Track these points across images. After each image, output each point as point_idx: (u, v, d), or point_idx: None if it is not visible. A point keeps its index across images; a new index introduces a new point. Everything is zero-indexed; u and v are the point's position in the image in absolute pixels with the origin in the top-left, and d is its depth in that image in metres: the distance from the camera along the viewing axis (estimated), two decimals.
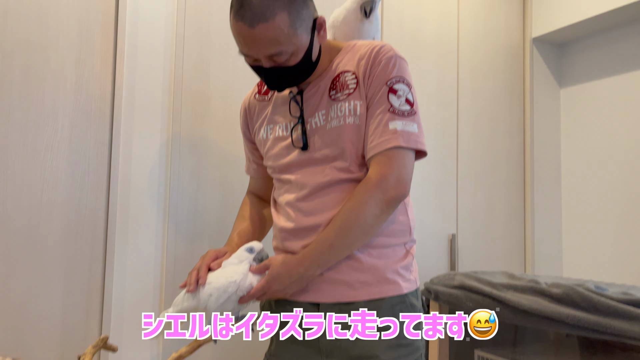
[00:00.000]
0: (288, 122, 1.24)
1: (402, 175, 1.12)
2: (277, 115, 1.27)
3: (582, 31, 2.62)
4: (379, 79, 1.14)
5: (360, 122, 1.15)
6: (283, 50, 1.07)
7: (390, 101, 1.13)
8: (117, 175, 1.72)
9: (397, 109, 1.13)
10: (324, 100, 1.19)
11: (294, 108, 1.23)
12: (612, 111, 2.55)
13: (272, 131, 1.27)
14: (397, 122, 1.12)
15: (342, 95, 1.17)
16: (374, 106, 1.14)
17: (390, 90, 1.14)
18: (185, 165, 1.84)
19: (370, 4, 1.31)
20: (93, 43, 1.72)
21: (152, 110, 1.80)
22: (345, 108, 1.16)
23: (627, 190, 2.45)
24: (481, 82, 2.59)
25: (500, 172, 2.63)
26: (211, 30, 1.92)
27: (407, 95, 1.15)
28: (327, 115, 1.18)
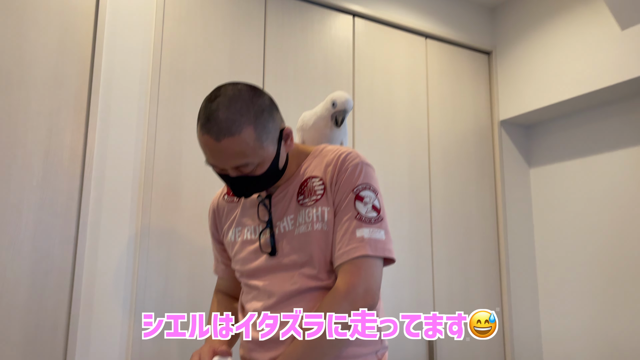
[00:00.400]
0: (256, 225, 1.22)
1: (371, 285, 1.10)
2: (246, 218, 1.26)
3: (547, 114, 2.72)
4: (345, 186, 1.15)
5: (328, 228, 1.14)
6: (249, 162, 1.07)
7: (357, 208, 1.13)
8: (82, 273, 1.67)
9: (363, 216, 1.13)
10: (292, 205, 1.19)
11: (262, 212, 1.22)
12: (580, 191, 2.60)
13: (241, 234, 1.25)
14: (364, 230, 1.12)
15: (310, 200, 1.17)
16: (341, 213, 1.14)
17: (356, 198, 1.14)
18: (153, 260, 1.79)
19: (342, 114, 1.33)
20: (63, 137, 1.72)
21: (121, 204, 1.78)
22: (313, 214, 1.15)
23: (602, 268, 2.46)
24: (452, 164, 2.64)
25: (476, 253, 2.63)
26: (183, 123, 1.94)
27: (374, 201, 1.15)
28: (295, 221, 1.17)
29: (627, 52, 2.22)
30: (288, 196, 1.20)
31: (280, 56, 2.21)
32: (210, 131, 1.04)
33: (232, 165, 1.07)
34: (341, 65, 2.37)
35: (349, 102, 1.34)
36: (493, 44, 2.90)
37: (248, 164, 1.07)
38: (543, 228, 2.78)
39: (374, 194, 1.16)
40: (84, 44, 1.79)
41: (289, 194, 1.20)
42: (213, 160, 1.09)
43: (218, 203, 1.35)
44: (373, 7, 2.50)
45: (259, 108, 1.08)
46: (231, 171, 1.10)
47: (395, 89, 2.52)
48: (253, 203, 1.25)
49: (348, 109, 1.34)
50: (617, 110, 2.49)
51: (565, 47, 2.50)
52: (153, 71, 1.90)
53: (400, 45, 2.58)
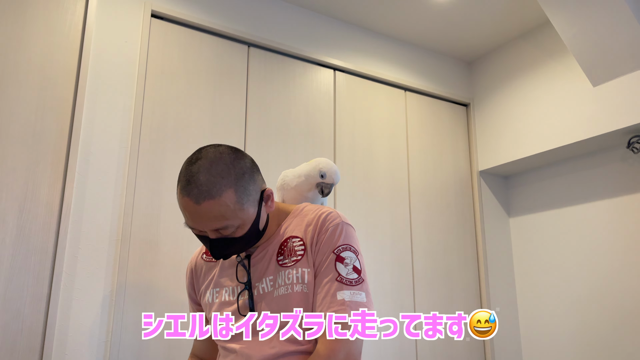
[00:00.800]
0: (235, 286, 1.20)
1: (351, 350, 1.07)
2: (224, 279, 1.23)
3: (524, 166, 2.77)
4: (326, 247, 1.14)
5: (308, 290, 1.12)
6: (229, 225, 1.06)
7: (338, 270, 1.12)
8: (54, 333, 1.61)
9: (344, 278, 1.11)
10: (272, 265, 1.17)
11: (241, 272, 1.20)
12: (559, 241, 2.63)
13: (218, 295, 1.23)
14: (345, 292, 1.10)
15: (290, 261, 1.15)
16: (322, 275, 1.13)
17: (337, 259, 1.13)
18: (129, 319, 1.74)
19: (329, 187, 1.34)
20: (39, 192, 1.69)
21: (97, 260, 1.74)
22: (293, 275, 1.13)
23: (582, 316, 2.46)
24: (433, 215, 2.65)
25: (458, 303, 2.61)
26: (163, 177, 1.92)
27: (355, 262, 1.14)
28: (275, 282, 1.15)
29: (599, 108, 2.29)
30: (267, 256, 1.18)
31: (263, 109, 2.23)
32: (190, 194, 1.03)
33: (211, 228, 1.06)
34: (323, 118, 2.40)
35: (338, 175, 1.34)
36: (471, 96, 2.97)
37: (228, 226, 1.06)
38: (524, 277, 2.79)
39: (354, 254, 1.15)
40: (65, 98, 1.79)
41: (269, 254, 1.18)
42: (192, 223, 1.08)
43: (196, 262, 1.33)
44: (353, 62, 2.56)
45: (240, 170, 1.08)
46: (210, 233, 1.08)
47: (376, 140, 2.55)
48: (232, 263, 1.23)
49: (336, 182, 1.35)
50: (591, 163, 2.54)
51: (540, 101, 2.58)
52: (134, 125, 1.90)
53: (380, 98, 2.62)
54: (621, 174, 2.41)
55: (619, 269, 2.35)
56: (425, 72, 2.83)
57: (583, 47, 2.23)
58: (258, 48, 2.29)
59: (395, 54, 2.73)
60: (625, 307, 2.31)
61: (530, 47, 2.69)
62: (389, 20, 2.59)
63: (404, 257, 2.49)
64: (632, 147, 2.28)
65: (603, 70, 2.25)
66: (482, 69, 2.95)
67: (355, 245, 1.17)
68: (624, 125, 2.19)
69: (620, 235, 2.37)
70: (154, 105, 1.97)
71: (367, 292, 1.14)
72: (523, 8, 2.50)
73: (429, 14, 2.54)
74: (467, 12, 2.53)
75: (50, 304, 1.63)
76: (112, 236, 1.78)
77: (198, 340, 1.38)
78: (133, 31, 1.99)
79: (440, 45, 2.84)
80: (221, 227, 1.06)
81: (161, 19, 2.07)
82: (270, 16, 2.35)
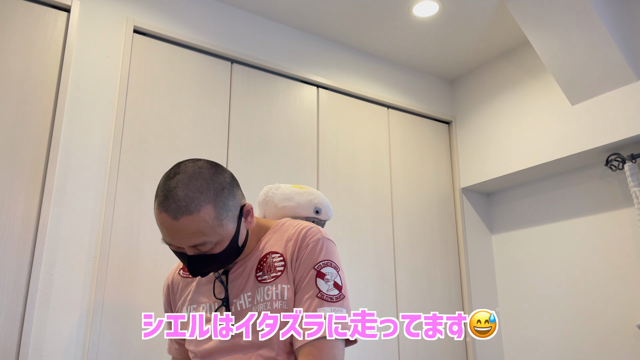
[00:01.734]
0: (212, 303, 1.18)
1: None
2: (201, 296, 1.21)
3: (506, 183, 2.79)
4: (306, 263, 1.12)
5: (287, 307, 1.10)
6: (207, 241, 1.04)
7: (319, 286, 1.10)
8: (27, 352, 1.56)
9: (325, 294, 1.10)
10: (250, 281, 1.15)
11: (219, 289, 1.18)
12: (541, 257, 2.64)
13: (195, 312, 1.20)
14: (326, 309, 1.08)
15: (269, 277, 1.13)
16: (302, 291, 1.11)
17: (318, 275, 1.11)
18: (106, 338, 1.70)
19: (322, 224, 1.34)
20: (15, 208, 1.65)
21: (74, 278, 1.70)
22: (272, 292, 1.12)
23: (564, 331, 2.47)
24: (416, 231, 2.66)
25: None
26: (144, 193, 1.90)
27: (335, 278, 1.13)
28: (254, 298, 1.13)
29: (578, 127, 2.33)
30: (246, 272, 1.16)
31: (246, 125, 2.23)
32: (167, 209, 1.01)
33: (189, 244, 1.04)
34: (306, 134, 2.40)
35: (332, 212, 1.34)
36: (453, 114, 3.00)
37: (206, 242, 1.04)
38: (506, 293, 2.79)
39: (335, 270, 1.13)
40: (44, 113, 1.77)
41: (247, 270, 1.16)
42: (170, 239, 1.05)
43: (173, 278, 1.30)
44: (337, 79, 2.57)
45: (219, 186, 1.06)
46: (188, 250, 1.06)
47: (359, 157, 2.55)
48: (209, 279, 1.21)
49: (329, 219, 1.35)
50: (571, 181, 2.57)
51: (520, 118, 2.61)
52: (114, 141, 1.88)
53: (364, 115, 2.64)
54: (600, 191, 2.44)
55: (599, 285, 2.37)
56: (408, 90, 2.85)
57: (562, 66, 2.27)
58: (241, 65, 2.30)
59: (378, 72, 2.76)
60: (606, 322, 2.32)
61: (510, 66, 2.74)
62: (372, 39, 2.62)
63: (387, 274, 2.48)
64: (610, 164, 2.31)
65: (581, 89, 2.29)
66: (464, 87, 2.99)
67: (336, 261, 1.16)
68: (602, 144, 2.22)
69: (600, 251, 2.39)
70: (135, 121, 1.96)
71: (348, 309, 1.13)
72: (504, 28, 2.55)
73: (412, 32, 2.57)
74: (449, 32, 2.57)
75: (25, 322, 1.59)
76: (89, 253, 1.75)
77: (175, 358, 1.35)
78: (115, 47, 1.98)
79: (422, 64, 2.87)
80: (199, 244, 1.04)
81: (143, 34, 2.07)
82: (253, 33, 2.36)
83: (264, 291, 1.12)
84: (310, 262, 1.12)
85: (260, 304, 1.12)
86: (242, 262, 1.18)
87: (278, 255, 1.16)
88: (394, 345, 2.41)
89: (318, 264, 1.12)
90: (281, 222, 1.25)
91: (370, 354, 2.32)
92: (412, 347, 2.46)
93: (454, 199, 2.88)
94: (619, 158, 2.27)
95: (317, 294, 1.09)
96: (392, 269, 2.51)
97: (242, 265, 1.17)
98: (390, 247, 2.53)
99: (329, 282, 1.12)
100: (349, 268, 2.36)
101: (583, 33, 2.14)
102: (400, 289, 2.50)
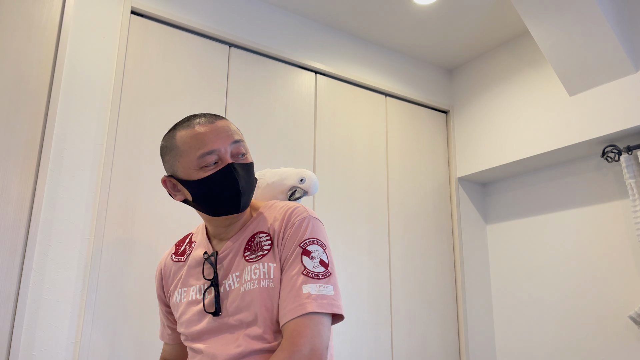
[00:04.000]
0: (202, 284, 1.18)
1: (316, 344, 1.05)
2: (191, 278, 1.21)
3: (502, 173, 2.80)
4: (292, 241, 1.12)
5: (274, 285, 1.10)
6: (242, 141, 1.13)
7: (304, 263, 1.10)
8: (20, 334, 1.56)
9: (310, 271, 1.09)
10: (239, 262, 1.16)
11: (208, 270, 1.18)
12: (535, 248, 2.66)
13: (186, 294, 1.21)
14: (311, 286, 1.08)
15: (256, 256, 1.14)
16: (288, 269, 1.11)
17: (303, 252, 1.11)
18: (99, 321, 1.70)
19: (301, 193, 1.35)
20: (10, 189, 1.65)
21: (68, 260, 1.70)
22: (260, 270, 1.12)
23: (557, 322, 2.49)
24: (411, 220, 2.66)
25: (435, 308, 2.62)
26: (140, 175, 1.90)
27: (322, 256, 1.13)
28: (241, 278, 1.13)
29: (575, 118, 2.33)
30: (234, 252, 1.17)
31: (243, 110, 2.22)
32: (200, 119, 1.12)
33: (232, 139, 1.11)
34: (303, 121, 2.39)
35: (316, 187, 1.35)
36: (450, 103, 3.00)
37: (241, 141, 1.13)
38: (500, 283, 2.81)
39: (321, 248, 1.13)
40: (39, 93, 1.75)
41: (235, 250, 1.17)
42: (211, 144, 1.10)
43: (165, 263, 1.31)
44: (335, 66, 2.56)
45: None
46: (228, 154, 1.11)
47: (356, 144, 2.55)
48: (199, 262, 1.22)
49: (311, 193, 1.35)
50: (567, 172, 2.58)
51: (518, 109, 2.61)
52: (110, 122, 1.87)
53: (361, 103, 2.63)
54: (595, 183, 2.45)
55: (593, 276, 2.38)
56: (406, 78, 2.84)
57: (561, 57, 2.27)
58: (239, 49, 2.28)
59: (377, 60, 2.75)
60: (599, 313, 2.34)
61: (509, 56, 2.73)
62: (371, 26, 2.61)
63: (382, 262, 2.49)
64: (606, 156, 2.32)
65: (580, 80, 2.29)
66: (463, 76, 2.98)
67: (323, 239, 1.15)
68: (599, 135, 2.22)
69: (594, 242, 2.41)
70: (131, 103, 1.95)
71: (335, 286, 1.13)
72: (503, 18, 2.54)
73: (411, 21, 2.56)
74: (448, 20, 2.56)
75: (19, 302, 1.58)
76: (84, 234, 1.75)
77: (167, 344, 1.36)
78: (112, 27, 1.96)
79: (421, 52, 2.86)
80: (237, 140, 1.12)
81: (141, 16, 2.05)
82: (252, 17, 2.34)
83: (252, 270, 1.13)
84: (296, 240, 1.13)
85: (247, 282, 1.12)
86: (230, 242, 1.18)
87: (265, 235, 1.16)
88: (387, 345, 2.42)
89: (304, 241, 1.13)
90: (269, 203, 1.25)
91: (362, 353, 2.33)
92: (404, 346, 2.47)
93: (449, 189, 2.88)
94: (615, 150, 2.28)
95: (302, 271, 1.09)
96: (387, 256, 2.51)
97: (230, 246, 1.18)
98: (386, 235, 2.54)
99: (315, 259, 1.12)
100: (343, 254, 2.37)
101: (583, 24, 2.13)
102: (394, 277, 2.51)
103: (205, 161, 1.09)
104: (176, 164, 1.13)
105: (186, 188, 1.14)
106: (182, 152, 1.11)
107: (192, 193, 1.13)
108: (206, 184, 1.11)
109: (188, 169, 1.11)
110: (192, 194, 1.14)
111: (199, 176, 1.10)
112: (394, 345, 2.42)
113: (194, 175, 1.11)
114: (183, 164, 1.11)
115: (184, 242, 1.32)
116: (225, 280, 1.15)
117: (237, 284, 1.13)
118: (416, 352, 2.49)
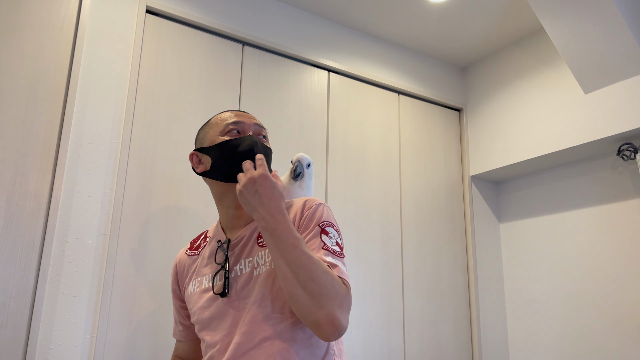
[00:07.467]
0: (213, 271, 1.20)
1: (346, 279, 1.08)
2: (205, 268, 1.24)
3: (516, 171, 2.78)
4: (311, 221, 1.15)
5: None
6: (265, 128, 1.28)
7: (323, 240, 1.12)
8: (39, 326, 1.59)
9: (330, 247, 1.11)
10: (252, 247, 1.17)
11: (220, 256, 1.20)
12: (548, 247, 2.64)
13: (199, 284, 1.22)
14: (330, 258, 1.09)
15: None
16: (307, 243, 1.11)
17: (322, 231, 1.13)
18: (115, 314, 1.73)
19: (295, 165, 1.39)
20: (27, 184, 1.67)
21: (85, 255, 1.73)
22: None
23: (570, 322, 2.47)
24: (424, 218, 2.66)
25: (447, 306, 2.61)
26: (154, 172, 1.91)
27: (337, 239, 1.16)
28: (253, 262, 1.15)
29: (591, 115, 2.31)
30: (246, 239, 1.19)
31: (256, 108, 2.23)
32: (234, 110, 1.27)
33: (255, 121, 1.25)
34: (316, 119, 2.40)
35: (306, 159, 1.40)
36: (464, 101, 2.99)
37: (264, 128, 1.27)
38: (513, 282, 2.79)
39: (337, 232, 1.17)
40: (57, 91, 1.78)
41: (247, 237, 1.19)
42: (240, 118, 1.23)
43: (180, 258, 1.34)
44: (347, 64, 2.56)
45: None
46: (254, 131, 1.23)
47: (369, 142, 2.55)
48: (212, 251, 1.24)
49: (302, 161, 1.39)
50: (582, 170, 2.56)
51: (532, 107, 2.59)
52: (125, 120, 1.89)
53: (374, 101, 2.63)
54: (611, 181, 2.43)
55: (608, 276, 2.36)
56: (419, 76, 2.84)
57: (575, 54, 2.25)
58: (253, 47, 2.29)
59: (389, 58, 2.74)
60: (614, 312, 2.32)
61: (523, 53, 2.71)
62: (384, 24, 2.61)
63: (394, 259, 2.49)
64: (622, 154, 2.30)
65: (595, 77, 2.27)
66: (476, 74, 2.97)
67: (337, 226, 1.20)
68: (615, 133, 2.20)
69: (609, 242, 2.38)
70: (146, 101, 1.97)
71: (346, 267, 1.15)
72: (517, 15, 2.52)
73: (424, 18, 2.55)
74: (462, 18, 2.55)
75: (36, 297, 1.61)
76: (100, 230, 1.77)
77: (180, 341, 1.37)
78: (127, 26, 1.98)
79: (434, 50, 2.85)
80: (261, 125, 1.27)
81: (156, 15, 2.07)
82: (265, 16, 2.35)
83: (265, 253, 1.14)
84: (315, 220, 1.16)
85: (261, 265, 1.13)
86: (244, 231, 1.20)
87: None
88: (399, 343, 2.42)
89: (322, 222, 1.16)
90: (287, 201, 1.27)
91: (375, 352, 2.33)
92: (417, 345, 2.47)
93: (462, 187, 2.87)
94: (631, 148, 2.25)
95: (322, 246, 1.11)
96: (399, 254, 2.51)
97: (243, 234, 1.20)
98: (398, 232, 2.54)
99: (332, 239, 1.14)
100: (356, 252, 2.37)
101: (598, 20, 2.11)
102: (406, 274, 2.51)
103: (230, 128, 1.21)
104: (205, 136, 1.24)
105: (208, 154, 1.21)
106: (213, 124, 1.24)
107: (212, 157, 1.20)
108: (227, 145, 1.19)
109: (214, 135, 1.21)
110: (212, 159, 1.20)
111: (221, 140, 1.20)
112: (406, 343, 2.42)
113: (217, 140, 1.20)
114: (211, 133, 1.22)
115: (199, 238, 1.35)
116: (236, 266, 1.17)
117: (249, 268, 1.15)
118: (428, 350, 2.49)
